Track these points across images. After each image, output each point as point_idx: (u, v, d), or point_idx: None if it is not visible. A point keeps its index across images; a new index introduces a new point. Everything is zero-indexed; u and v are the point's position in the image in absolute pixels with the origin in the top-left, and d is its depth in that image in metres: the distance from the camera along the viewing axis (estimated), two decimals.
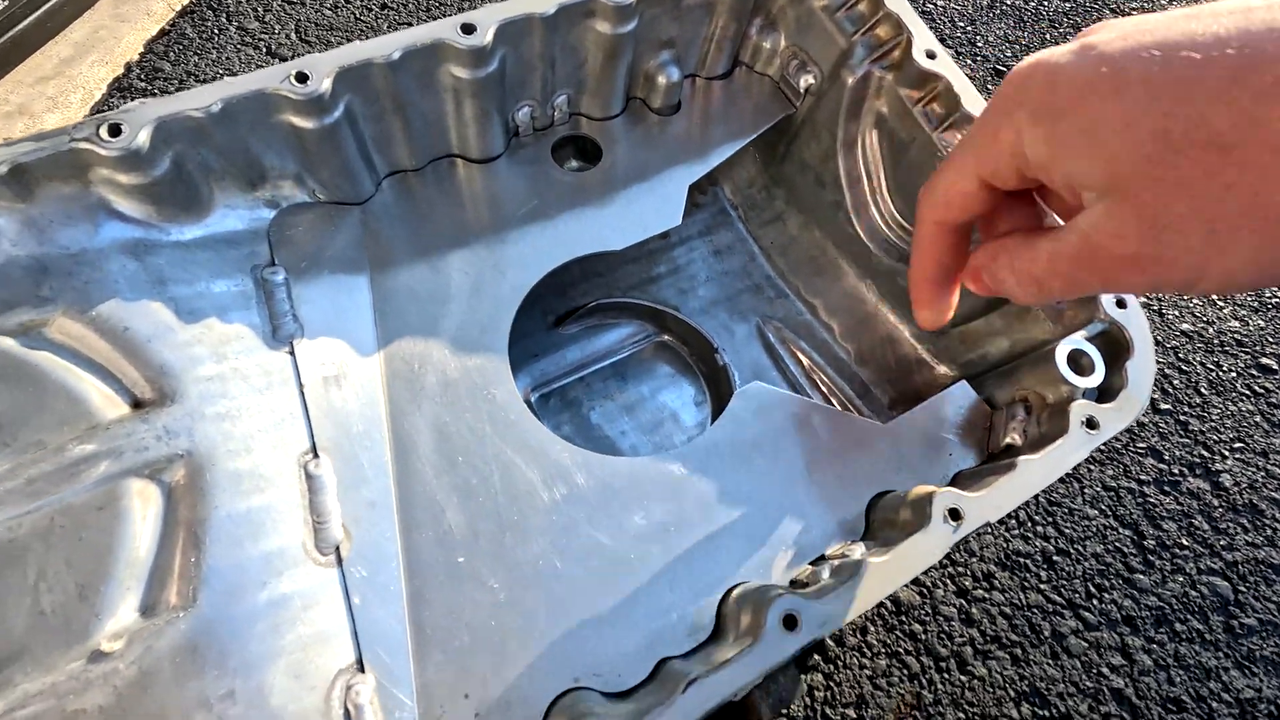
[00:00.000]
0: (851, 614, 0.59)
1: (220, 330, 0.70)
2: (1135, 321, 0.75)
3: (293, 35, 1.43)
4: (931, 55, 0.84)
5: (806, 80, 0.96)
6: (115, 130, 0.63)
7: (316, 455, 0.68)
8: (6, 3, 1.23)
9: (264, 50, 1.40)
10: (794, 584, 0.69)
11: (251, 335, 0.72)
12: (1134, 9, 1.67)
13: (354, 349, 0.75)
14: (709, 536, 0.72)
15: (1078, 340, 0.74)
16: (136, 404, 0.65)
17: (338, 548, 0.65)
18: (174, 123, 0.66)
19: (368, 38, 1.46)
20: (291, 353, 0.73)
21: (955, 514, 0.63)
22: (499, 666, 0.63)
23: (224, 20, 1.44)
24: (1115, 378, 0.73)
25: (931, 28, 1.60)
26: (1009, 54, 1.56)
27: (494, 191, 0.90)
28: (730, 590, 0.68)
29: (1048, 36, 1.60)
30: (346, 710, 0.59)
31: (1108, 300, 0.75)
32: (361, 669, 0.61)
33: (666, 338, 1.04)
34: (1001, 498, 0.65)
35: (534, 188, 0.91)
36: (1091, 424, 0.69)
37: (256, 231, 0.77)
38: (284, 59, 1.39)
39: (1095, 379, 0.72)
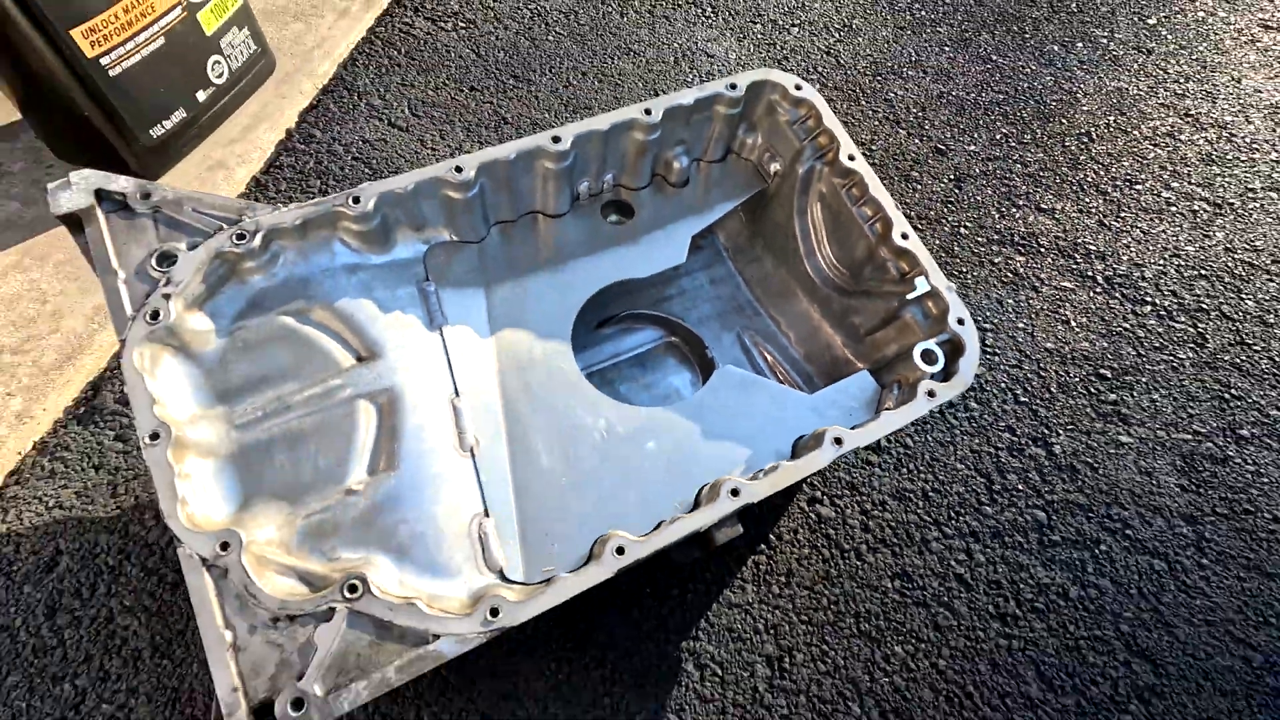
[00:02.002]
0: (769, 491, 1.02)
1: (402, 319, 1.16)
2: (969, 333, 1.18)
3: (406, 110, 1.92)
4: (852, 158, 1.29)
5: (775, 166, 1.41)
6: (356, 200, 1.10)
7: (458, 394, 1.14)
8: (213, 89, 1.74)
9: (386, 121, 1.89)
10: None
11: (418, 323, 1.17)
12: (1054, 100, 2.12)
13: (477, 333, 1.21)
14: (694, 458, 1.15)
15: (928, 343, 1.17)
16: (359, 359, 1.11)
17: (472, 449, 1.10)
18: (387, 195, 1.12)
19: (460, 114, 1.95)
20: (441, 335, 1.18)
21: (839, 440, 1.06)
22: (566, 524, 1.07)
23: (355, 98, 1.94)
24: (953, 367, 1.16)
25: (890, 113, 2.06)
26: (949, 135, 2.01)
27: (561, 236, 1.36)
28: (704, 486, 1.12)
29: (980, 122, 2.05)
30: (479, 536, 1.03)
31: (952, 319, 1.18)
32: (487, 514, 1.05)
33: (674, 339, 1.49)
34: (868, 433, 1.08)
35: (587, 235, 1.36)
36: (931, 394, 1.12)
37: (417, 258, 1.24)
38: (401, 129, 1.88)
39: (938, 367, 1.15)
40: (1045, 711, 1.15)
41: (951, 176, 1.89)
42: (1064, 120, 2.06)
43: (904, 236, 1.25)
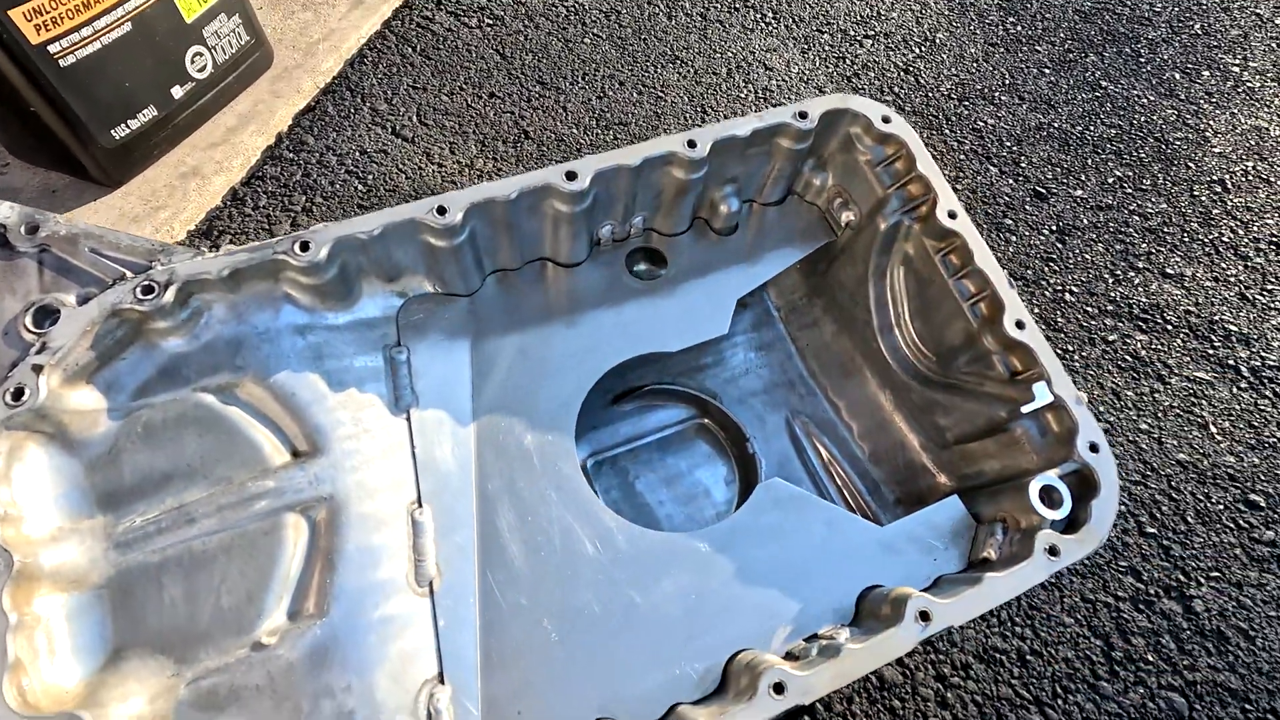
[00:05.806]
0: (827, 688, 0.73)
1: (358, 399, 0.90)
2: (1105, 465, 0.88)
3: (414, 117, 1.67)
4: (953, 215, 1.00)
5: (847, 216, 1.12)
6: (305, 246, 0.84)
7: (421, 505, 0.87)
8: (192, 85, 1.51)
9: (389, 129, 1.64)
10: (788, 655, 0.84)
11: (379, 404, 0.91)
12: (1178, 138, 1.78)
13: (454, 419, 0.94)
14: (724, 606, 0.87)
15: (1050, 476, 0.87)
16: (295, 454, 0.86)
17: (431, 583, 0.84)
18: (346, 240, 0.86)
19: (476, 124, 1.70)
20: (408, 419, 0.92)
21: (925, 615, 0.77)
22: (546, 692, 0.80)
23: (359, 101, 1.70)
24: (1082, 512, 0.86)
25: (979, 145, 1.74)
26: (1050, 175, 1.69)
27: (576, 290, 1.09)
28: (736, 654, 0.83)
29: (1089, 161, 1.72)
30: (429, 712, 0.77)
31: (1082, 443, 0.88)
32: (442, 680, 0.79)
33: (706, 421, 1.21)
34: (965, 608, 0.79)
35: (607, 289, 1.09)
36: (1053, 551, 0.82)
37: (388, 316, 0.98)
38: (406, 139, 1.63)
39: (1062, 512, 0.85)
40: None
41: (1054, 227, 1.57)
42: (1190, 164, 1.72)
43: (1019, 325, 0.95)
